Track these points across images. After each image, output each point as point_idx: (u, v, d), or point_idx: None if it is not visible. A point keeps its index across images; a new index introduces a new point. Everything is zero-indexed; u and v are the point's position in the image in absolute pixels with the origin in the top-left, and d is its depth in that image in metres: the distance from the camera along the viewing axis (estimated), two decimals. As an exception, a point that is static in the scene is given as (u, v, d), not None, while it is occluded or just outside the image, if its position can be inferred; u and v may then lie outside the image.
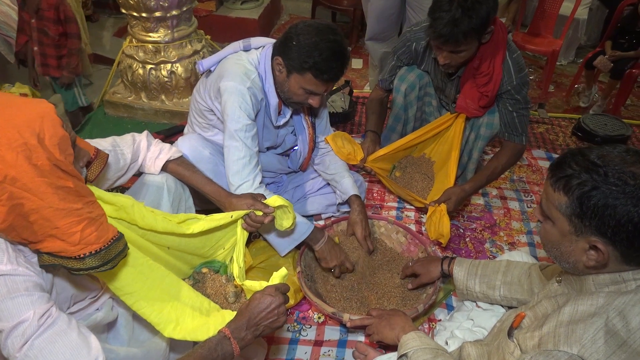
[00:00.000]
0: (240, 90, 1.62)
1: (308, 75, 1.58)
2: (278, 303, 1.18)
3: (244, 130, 1.64)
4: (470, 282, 1.52)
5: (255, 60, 1.71)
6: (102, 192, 1.23)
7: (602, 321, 0.90)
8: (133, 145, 1.50)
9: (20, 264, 0.99)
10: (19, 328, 0.95)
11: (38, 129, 0.93)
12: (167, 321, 1.20)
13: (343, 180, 1.95)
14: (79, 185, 1.00)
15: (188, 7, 2.72)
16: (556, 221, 0.99)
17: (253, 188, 1.65)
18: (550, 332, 0.96)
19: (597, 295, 0.97)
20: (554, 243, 1.03)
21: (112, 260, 1.04)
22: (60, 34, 2.77)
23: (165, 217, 1.36)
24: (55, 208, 0.94)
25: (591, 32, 4.51)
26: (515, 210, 2.30)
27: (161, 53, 2.76)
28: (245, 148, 1.65)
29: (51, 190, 0.94)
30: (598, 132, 2.88)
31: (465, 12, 1.65)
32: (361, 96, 3.22)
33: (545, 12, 3.80)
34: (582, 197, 0.92)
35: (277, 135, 1.89)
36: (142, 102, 2.91)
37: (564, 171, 0.95)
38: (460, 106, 2.02)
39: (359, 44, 4.32)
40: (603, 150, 0.94)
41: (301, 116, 1.91)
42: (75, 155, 1.07)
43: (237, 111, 1.62)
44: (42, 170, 0.93)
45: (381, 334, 1.46)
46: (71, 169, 0.99)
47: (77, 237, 0.98)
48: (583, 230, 0.95)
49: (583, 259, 0.98)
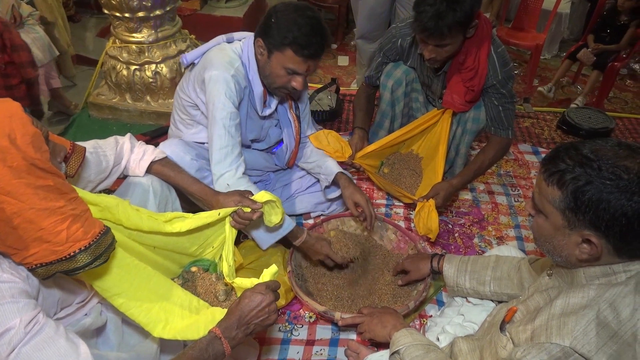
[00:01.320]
0: (225, 78, 1.62)
1: (288, 52, 1.56)
2: (269, 301, 1.17)
3: (229, 118, 1.63)
4: (461, 279, 1.52)
5: (238, 49, 1.71)
6: (86, 192, 1.21)
7: (593, 313, 0.91)
8: (116, 147, 1.47)
9: (4, 270, 0.97)
10: (6, 336, 0.93)
11: (8, 129, 0.90)
12: (156, 321, 1.18)
13: (326, 163, 1.95)
14: (59, 182, 0.97)
15: (171, 7, 2.69)
16: (549, 215, 0.99)
17: (235, 178, 1.63)
18: (542, 325, 0.97)
19: (588, 288, 0.98)
20: (546, 237, 1.03)
21: (103, 254, 1.02)
22: (6, 62, 2.52)
23: (151, 216, 1.34)
24: (37, 209, 0.92)
25: (574, 26, 4.57)
26: (503, 204, 2.31)
27: (145, 53, 2.72)
28: (228, 136, 1.63)
29: (31, 191, 0.91)
30: (582, 125, 2.91)
31: (449, 5, 1.66)
32: (348, 94, 3.21)
33: (529, 6, 3.83)
34: (576, 191, 0.92)
35: (261, 127, 1.87)
36: (127, 103, 2.87)
37: (557, 165, 0.96)
38: (446, 101, 2.03)
39: (344, 41, 4.32)
40: (596, 145, 0.94)
41: (286, 109, 1.89)
42: (51, 151, 1.04)
43: (222, 98, 1.61)
44: (18, 171, 0.90)
45: (373, 332, 1.46)
46: (49, 166, 0.96)
47: (64, 235, 0.96)
48: (576, 224, 0.95)
49: (576, 253, 0.98)
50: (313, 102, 2.91)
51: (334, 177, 1.91)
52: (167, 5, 2.65)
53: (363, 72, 3.05)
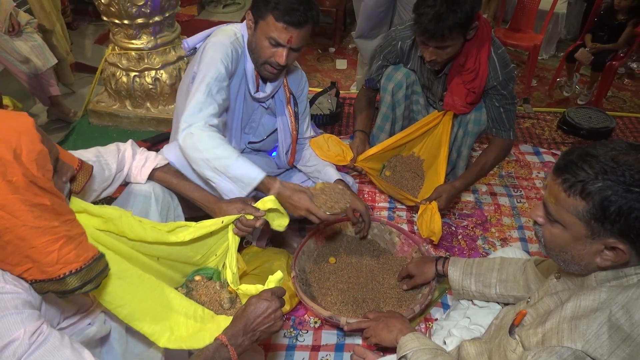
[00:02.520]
0: (223, 43, 1.62)
1: (270, 19, 1.55)
2: (275, 307, 1.16)
3: (215, 79, 1.57)
4: (466, 282, 1.52)
5: (239, 27, 1.73)
6: (89, 204, 1.21)
7: (605, 316, 0.90)
8: (118, 154, 1.47)
9: (7, 281, 0.96)
10: (10, 348, 0.92)
11: (15, 143, 0.90)
12: (161, 331, 1.17)
13: (325, 169, 1.93)
14: (56, 202, 0.97)
15: (170, 13, 2.69)
16: (570, 226, 0.96)
17: (201, 129, 1.50)
18: (553, 328, 0.96)
19: (599, 290, 0.96)
20: (562, 247, 1.00)
21: (93, 279, 1.01)
22: None
23: (154, 227, 1.34)
24: (30, 226, 0.91)
25: (570, 26, 4.58)
26: (506, 206, 2.31)
27: (145, 60, 2.72)
28: (209, 96, 1.55)
29: (26, 208, 0.91)
30: (583, 125, 2.91)
31: (449, 7, 1.66)
32: (348, 97, 3.21)
33: (526, 7, 3.84)
34: (603, 201, 0.90)
35: (253, 109, 1.85)
36: (127, 110, 2.86)
37: (577, 175, 0.93)
38: (447, 103, 2.03)
39: (342, 45, 4.32)
40: (610, 150, 0.92)
41: (283, 103, 1.88)
42: (58, 170, 1.04)
43: (214, 59, 1.59)
44: (16, 186, 0.89)
45: (379, 337, 1.45)
46: (49, 185, 0.95)
47: (55, 256, 0.94)
48: (601, 234, 0.93)
49: (597, 260, 0.97)
50: (313, 106, 2.91)
51: None
52: (166, 12, 2.65)
53: (364, 71, 3.06)
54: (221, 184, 1.52)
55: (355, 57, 3.92)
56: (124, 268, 1.18)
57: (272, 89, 1.80)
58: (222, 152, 1.48)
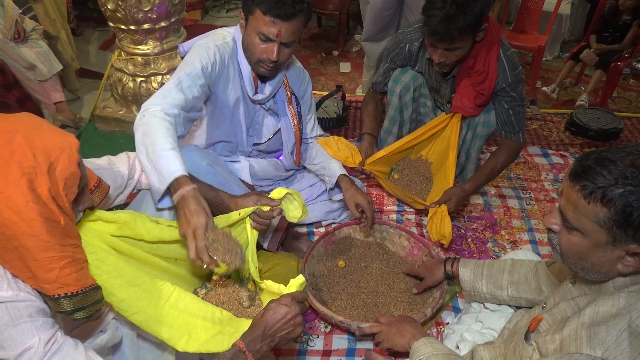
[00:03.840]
0: (206, 45, 1.62)
1: (258, 14, 1.53)
2: (294, 313, 1.14)
3: (188, 74, 1.53)
4: (477, 283, 1.50)
5: (232, 30, 1.73)
6: (102, 212, 1.21)
7: (625, 322, 0.89)
8: (128, 162, 1.47)
9: (21, 289, 0.96)
10: (24, 356, 0.93)
11: (54, 157, 0.94)
12: (179, 335, 1.17)
13: (330, 165, 1.93)
14: (69, 225, 0.99)
15: (176, 18, 2.69)
16: (590, 233, 0.94)
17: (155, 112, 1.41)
18: (571, 334, 0.95)
19: (618, 296, 0.95)
20: (582, 255, 0.98)
21: (87, 307, 1.01)
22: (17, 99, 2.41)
23: (170, 225, 1.33)
24: (39, 238, 0.92)
25: (574, 26, 4.57)
26: (515, 208, 2.30)
27: (151, 65, 2.72)
28: (177, 87, 1.50)
29: (41, 220, 0.92)
30: (591, 126, 2.90)
31: (459, 8, 1.65)
32: (354, 100, 3.21)
33: (529, 8, 3.84)
34: (625, 207, 0.88)
35: (255, 112, 1.84)
36: (133, 115, 2.85)
37: (595, 181, 0.91)
38: (456, 106, 2.02)
39: (345, 48, 4.32)
40: (628, 154, 0.91)
41: (285, 103, 1.87)
42: (80, 198, 1.05)
43: (193, 58, 1.58)
44: (39, 197, 0.92)
45: (391, 342, 1.44)
46: (67, 207, 0.98)
47: (55, 274, 0.95)
48: (623, 240, 0.91)
49: (618, 267, 0.95)
50: (320, 109, 2.90)
51: (337, 180, 1.90)
52: (173, 17, 2.65)
53: (370, 74, 3.05)
54: (150, 174, 1.36)
55: (359, 60, 3.92)
56: (138, 275, 1.18)
57: (271, 90, 1.79)
58: (159, 139, 1.34)
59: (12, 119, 0.97)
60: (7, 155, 0.90)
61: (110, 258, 1.14)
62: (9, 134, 0.92)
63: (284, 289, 1.23)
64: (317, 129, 2.06)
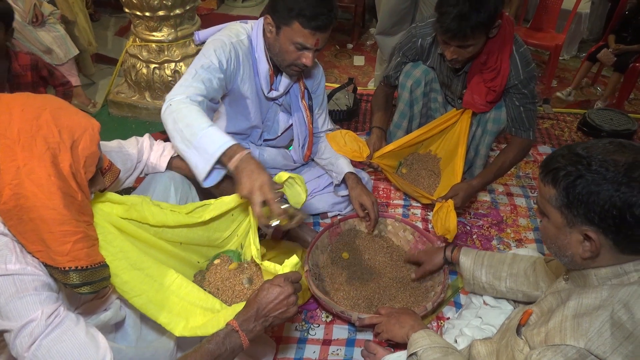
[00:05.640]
0: (222, 40, 1.61)
1: (296, 26, 1.54)
2: (287, 293, 1.16)
3: (205, 67, 1.54)
4: (477, 272, 1.53)
5: (248, 27, 1.72)
6: (112, 194, 1.24)
7: (607, 313, 0.92)
8: (137, 145, 1.51)
9: (29, 263, 0.99)
10: (27, 328, 0.95)
11: (77, 136, 0.99)
12: (177, 321, 1.19)
13: (338, 161, 1.95)
14: (84, 202, 1.03)
15: (191, 6, 2.71)
16: (550, 215, 1.02)
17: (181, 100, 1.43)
18: (556, 326, 0.97)
19: (601, 288, 0.98)
20: (551, 238, 1.05)
21: (94, 283, 1.04)
22: None
23: (173, 210, 1.36)
24: (57, 211, 0.96)
25: (593, 26, 4.50)
26: (522, 206, 2.29)
27: (165, 52, 2.74)
28: (195, 77, 1.51)
29: (60, 194, 0.96)
30: (604, 127, 2.86)
31: (473, 5, 1.64)
32: (365, 93, 3.20)
33: (548, 6, 3.78)
34: (567, 187, 0.95)
35: (267, 109, 1.85)
36: (146, 101, 2.90)
37: (551, 165, 0.99)
38: (467, 102, 2.01)
39: (360, 41, 4.31)
40: (588, 143, 0.98)
41: (298, 97, 1.87)
42: (95, 179, 1.10)
43: (209, 52, 1.58)
44: (60, 172, 0.96)
45: (390, 333, 1.45)
46: (84, 184, 1.03)
47: (68, 247, 0.98)
48: (574, 221, 0.97)
49: (579, 251, 1.00)
50: (331, 101, 2.91)
51: (344, 177, 1.92)
52: (187, 5, 2.67)
53: (383, 68, 3.04)
54: (190, 156, 1.39)
55: (373, 54, 3.91)
56: (142, 259, 1.21)
57: (285, 87, 1.80)
58: (194, 121, 1.38)
59: (41, 97, 1.02)
60: (35, 130, 0.94)
61: (116, 240, 1.17)
62: (38, 110, 0.97)
63: (279, 269, 1.25)
64: (328, 123, 2.07)
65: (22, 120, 0.94)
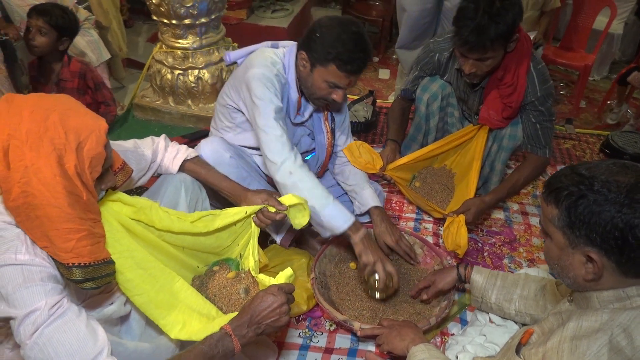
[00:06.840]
0: (268, 77, 1.64)
1: (332, 67, 1.57)
2: (280, 303, 1.19)
3: (278, 112, 1.62)
4: (488, 291, 1.51)
5: (280, 54, 1.74)
6: (123, 194, 1.29)
7: (606, 337, 0.90)
8: (152, 145, 1.55)
9: (37, 255, 1.03)
10: (31, 316, 0.99)
11: (82, 137, 1.02)
12: (174, 323, 1.23)
13: (363, 192, 1.92)
14: (90, 201, 1.07)
15: (216, 15, 2.79)
16: (552, 235, 1.01)
17: (297, 165, 1.60)
18: (553, 347, 0.95)
19: (602, 312, 0.96)
20: (554, 259, 1.03)
21: (96, 279, 1.08)
22: (87, 104, 2.54)
23: (180, 218, 1.40)
24: (62, 210, 1.00)
25: (626, 47, 4.40)
26: (537, 226, 2.24)
27: (189, 59, 2.82)
28: (281, 127, 1.61)
29: (65, 193, 1.00)
30: (627, 149, 2.79)
31: (491, 18, 1.64)
32: (384, 106, 3.21)
33: (578, 26, 3.72)
34: (569, 207, 0.94)
35: (293, 133, 1.88)
36: (169, 106, 2.98)
37: (553, 185, 0.99)
38: (483, 117, 2.00)
39: (386, 55, 4.33)
40: (592, 164, 0.97)
41: (321, 120, 1.91)
42: (103, 177, 1.14)
43: (268, 94, 1.62)
44: (65, 173, 1.00)
45: (391, 344, 1.45)
46: (90, 184, 1.06)
47: (72, 244, 1.02)
48: (576, 242, 0.96)
49: (582, 273, 0.98)
50: (349, 112, 2.92)
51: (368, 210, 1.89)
52: (213, 14, 2.75)
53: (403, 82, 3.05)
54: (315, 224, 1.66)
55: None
56: (147, 259, 1.25)
57: (309, 112, 1.84)
58: (320, 193, 1.60)
59: (52, 98, 1.06)
60: (42, 131, 0.99)
61: (124, 239, 1.22)
62: (47, 112, 1.01)
63: (274, 282, 1.28)
64: (350, 140, 2.06)
65: (31, 121, 0.99)
